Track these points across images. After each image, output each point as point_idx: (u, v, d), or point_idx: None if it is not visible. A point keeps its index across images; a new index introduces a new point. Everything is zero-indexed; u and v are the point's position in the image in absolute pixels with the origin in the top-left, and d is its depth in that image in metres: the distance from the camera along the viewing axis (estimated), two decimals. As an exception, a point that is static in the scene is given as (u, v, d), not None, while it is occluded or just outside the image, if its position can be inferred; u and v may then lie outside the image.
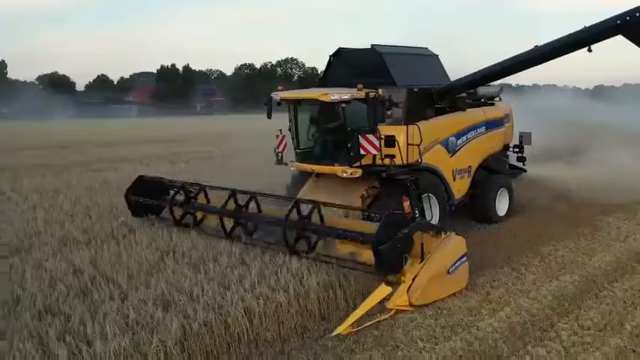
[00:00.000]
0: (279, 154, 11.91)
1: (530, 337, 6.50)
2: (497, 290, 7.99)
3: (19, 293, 7.02)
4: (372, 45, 11.41)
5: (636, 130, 25.40)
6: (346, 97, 10.25)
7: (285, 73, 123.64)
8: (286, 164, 11.74)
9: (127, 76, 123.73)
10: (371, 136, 10.18)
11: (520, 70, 11.09)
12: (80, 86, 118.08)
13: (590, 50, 9.88)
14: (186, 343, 5.88)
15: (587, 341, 6.31)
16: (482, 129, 12.66)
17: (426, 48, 12.69)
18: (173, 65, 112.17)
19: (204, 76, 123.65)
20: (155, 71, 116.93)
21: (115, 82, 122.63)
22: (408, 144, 10.56)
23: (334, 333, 6.70)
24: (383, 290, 7.31)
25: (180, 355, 5.76)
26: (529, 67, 10.85)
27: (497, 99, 13.69)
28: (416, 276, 7.47)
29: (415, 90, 11.06)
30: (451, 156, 11.69)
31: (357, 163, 10.43)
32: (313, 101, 10.82)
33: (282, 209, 9.00)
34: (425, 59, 12.52)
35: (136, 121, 69.87)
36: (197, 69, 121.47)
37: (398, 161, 10.26)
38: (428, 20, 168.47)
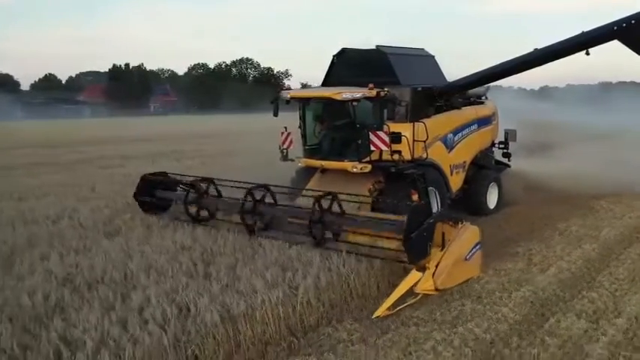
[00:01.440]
0: (285, 151, 12.29)
1: (579, 286, 8.16)
2: (536, 257, 9.64)
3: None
4: (377, 46, 11.75)
5: (589, 128, 27.79)
6: (358, 95, 10.65)
7: (240, 73, 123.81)
8: (292, 160, 12.13)
9: (74, 75, 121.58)
10: (381, 133, 10.71)
11: (520, 72, 11.67)
12: (25, 86, 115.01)
13: (587, 53, 10.54)
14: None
15: (625, 288, 8.03)
16: (475, 126, 13.32)
17: (423, 49, 13.14)
18: (127, 65, 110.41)
19: (156, 76, 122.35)
20: (105, 70, 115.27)
21: (64, 82, 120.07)
22: (414, 140, 11.05)
23: (374, 316, 7.19)
24: (415, 275, 7.79)
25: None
26: (528, 68, 11.43)
27: (484, 98, 14.34)
28: (439, 262, 7.98)
29: (419, 89, 11.52)
30: (449, 152, 12.27)
31: (367, 159, 10.90)
32: (324, 100, 11.23)
33: (293, 202, 9.85)
34: (424, 59, 13.01)
35: (95, 121, 69.03)
36: (148, 68, 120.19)
37: (406, 157, 10.83)
38: (391, 20, 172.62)
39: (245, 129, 45.02)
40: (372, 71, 11.52)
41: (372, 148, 10.79)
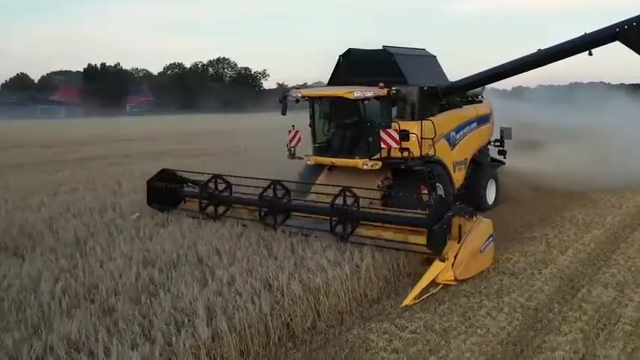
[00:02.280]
0: (292, 149, 12.57)
1: (598, 264, 9.25)
2: (553, 240, 10.72)
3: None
4: (384, 46, 12.03)
5: (565, 127, 28.90)
6: (369, 94, 10.96)
7: (217, 73, 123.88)
8: (301, 158, 12.40)
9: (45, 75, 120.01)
10: (391, 130, 11.05)
11: (523, 72, 11.90)
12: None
13: (590, 54, 10.84)
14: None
15: (639, 265, 9.20)
16: (475, 124, 13.65)
17: (425, 49, 13.50)
18: (103, 64, 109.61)
19: (130, 76, 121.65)
20: (77, 70, 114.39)
21: (36, 81, 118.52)
22: (422, 138, 11.39)
23: (402, 304, 7.60)
24: (438, 266, 8.19)
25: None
26: (532, 68, 11.70)
27: (480, 97, 14.56)
28: (457, 254, 8.34)
29: (425, 88, 11.81)
30: (452, 149, 12.57)
31: (377, 156, 11.23)
32: (335, 98, 11.55)
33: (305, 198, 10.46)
34: (427, 59, 13.35)
35: (75, 121, 68.51)
36: (122, 68, 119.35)
37: (414, 154, 11.22)
38: (373, 20, 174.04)
39: (234, 128, 45.89)
40: (379, 71, 11.75)
41: (383, 145, 11.15)
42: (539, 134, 25.80)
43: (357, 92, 10.95)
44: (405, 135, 11.08)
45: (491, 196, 14.02)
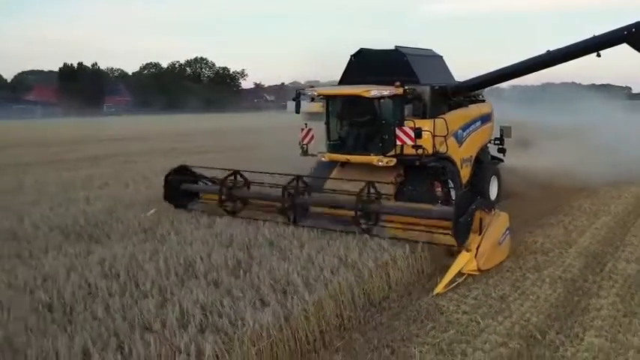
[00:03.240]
0: (305, 146, 12.79)
1: (615, 245, 10.50)
2: (569, 226, 11.96)
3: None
4: (396, 46, 12.28)
5: (545, 127, 30.02)
6: (386, 93, 11.20)
7: (194, 73, 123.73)
8: (314, 155, 12.61)
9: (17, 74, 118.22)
10: (407, 128, 11.31)
11: (532, 72, 12.31)
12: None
13: (599, 55, 11.17)
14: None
15: (650, 244, 10.52)
16: (479, 123, 13.97)
17: (431, 50, 13.83)
18: (80, 63, 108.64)
19: (105, 75, 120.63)
20: (50, 69, 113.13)
21: (9, 81, 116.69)
22: (434, 135, 11.69)
23: (434, 292, 8.12)
24: (465, 256, 8.70)
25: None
26: (542, 69, 12.10)
27: (481, 97, 14.79)
28: (479, 245, 8.83)
29: (436, 87, 12.12)
30: (459, 147, 12.83)
31: (392, 152, 11.51)
32: (352, 97, 11.76)
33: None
34: (435, 59, 13.66)
35: (57, 121, 68.30)
36: (100, 67, 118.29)
37: (429, 151, 11.52)
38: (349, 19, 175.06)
39: (223, 127, 46.49)
40: (391, 71, 11.89)
41: (398, 142, 11.42)
42: (527, 133, 27.15)
43: (373, 91, 11.20)
44: (418, 132, 11.31)
45: (493, 192, 14.42)
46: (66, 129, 49.08)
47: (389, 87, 11.28)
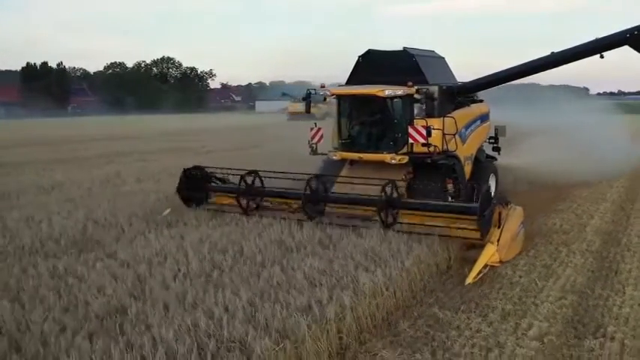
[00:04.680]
0: (314, 146, 13.02)
1: (622, 224, 12.25)
2: (577, 210, 13.68)
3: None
4: (404, 47, 12.62)
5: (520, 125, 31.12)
6: (399, 92, 11.48)
7: (161, 73, 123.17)
8: (324, 154, 12.86)
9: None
10: (419, 127, 11.55)
11: (538, 72, 12.78)
12: None
13: (602, 57, 11.69)
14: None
15: (660, 220, 12.31)
16: (479, 122, 14.37)
17: (434, 51, 14.15)
18: (45, 63, 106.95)
19: (68, 75, 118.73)
20: (7, 69, 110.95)
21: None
22: (444, 133, 12.01)
23: (467, 282, 8.64)
24: (491, 248, 9.21)
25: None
26: (547, 69, 12.57)
27: (476, 97, 15.08)
28: (499, 238, 9.39)
29: (444, 87, 12.47)
30: (463, 145, 13.03)
31: (403, 150, 11.86)
32: (366, 96, 12.02)
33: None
34: (439, 60, 14.03)
35: (24, 122, 67.43)
36: (65, 67, 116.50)
37: (440, 149, 11.88)
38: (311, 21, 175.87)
39: (208, 127, 47.25)
40: (399, 71, 12.15)
41: (411, 140, 11.71)
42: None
43: (387, 90, 11.47)
44: (429, 131, 11.53)
45: (492, 189, 14.34)
46: (46, 129, 49.03)
47: (401, 87, 11.58)
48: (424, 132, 11.53)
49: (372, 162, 12.19)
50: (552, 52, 12.40)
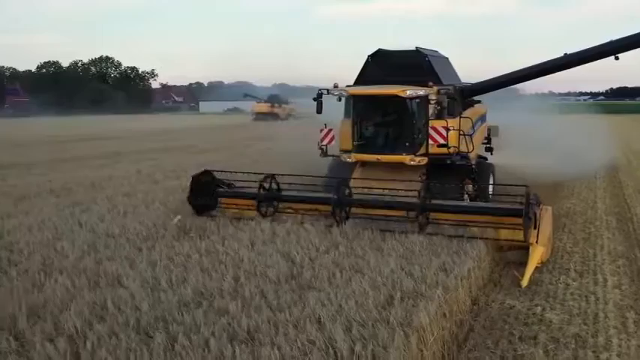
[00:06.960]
0: (325, 147, 12.72)
1: (624, 207, 14.24)
2: (580, 195, 15.87)
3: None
4: (417, 47, 12.56)
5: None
6: (421, 92, 11.29)
7: (99, 72, 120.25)
8: (334, 156, 12.64)
9: None
10: (440, 127, 11.49)
11: (547, 74, 12.89)
12: None
13: (617, 58, 11.75)
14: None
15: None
16: (480, 122, 14.44)
17: (437, 51, 14.09)
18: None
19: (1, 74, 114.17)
20: None
21: None
22: (460, 134, 11.97)
23: (523, 285, 8.54)
24: (539, 249, 9.14)
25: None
26: (558, 71, 12.62)
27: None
28: (537, 239, 9.21)
29: (457, 87, 12.48)
30: (472, 145, 12.73)
31: (421, 152, 11.76)
32: (386, 97, 11.74)
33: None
34: (445, 60, 14.10)
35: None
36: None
37: (460, 149, 11.91)
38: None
39: (177, 127, 47.47)
40: (411, 71, 12.10)
41: (431, 141, 11.60)
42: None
43: (409, 90, 11.28)
44: (447, 131, 11.50)
45: (490, 187, 14.32)
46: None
47: (422, 87, 11.41)
48: (444, 132, 11.57)
49: (389, 163, 12.02)
50: (565, 54, 12.47)
